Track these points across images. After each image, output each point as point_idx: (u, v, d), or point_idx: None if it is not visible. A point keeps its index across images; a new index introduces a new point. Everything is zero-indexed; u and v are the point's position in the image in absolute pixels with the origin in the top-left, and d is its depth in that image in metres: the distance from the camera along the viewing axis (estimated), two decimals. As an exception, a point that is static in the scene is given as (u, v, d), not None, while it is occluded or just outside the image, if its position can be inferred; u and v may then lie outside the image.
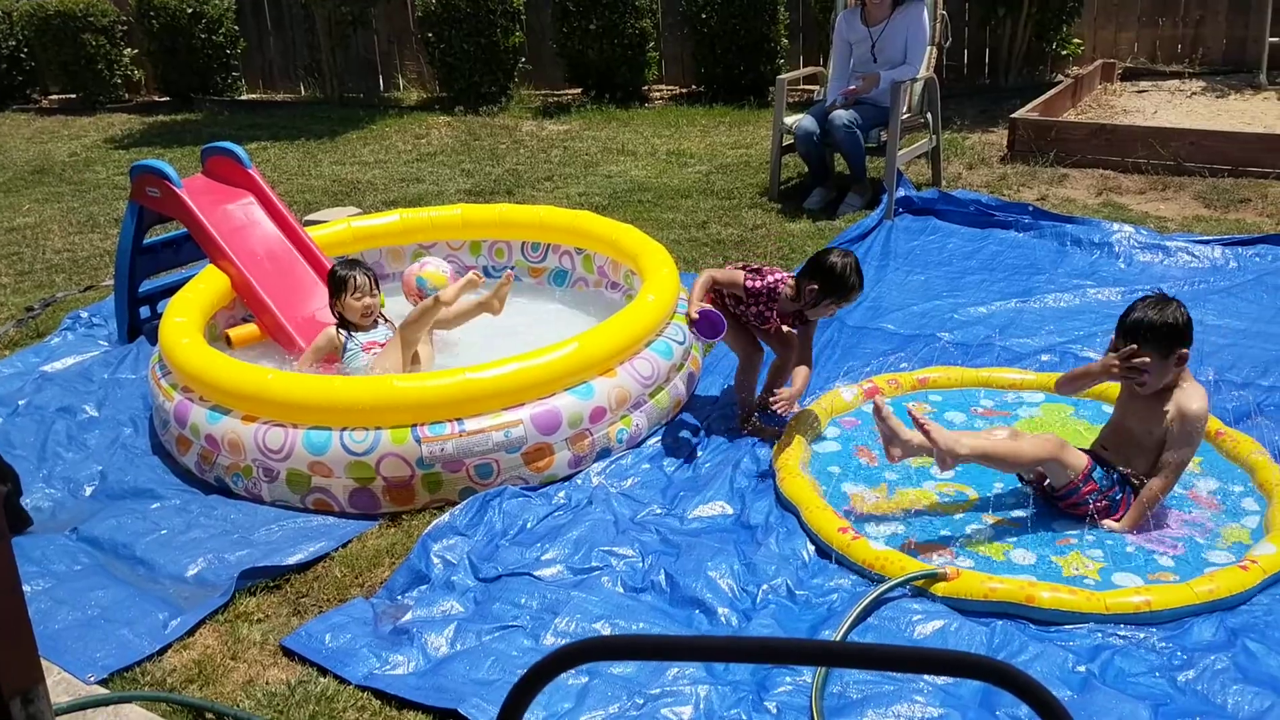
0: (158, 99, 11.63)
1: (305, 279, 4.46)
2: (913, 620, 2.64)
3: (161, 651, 2.72)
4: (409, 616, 2.79)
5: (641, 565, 2.96)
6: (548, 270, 5.02)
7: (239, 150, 4.72)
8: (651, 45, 9.82)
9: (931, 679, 2.43)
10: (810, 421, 3.59)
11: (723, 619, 2.73)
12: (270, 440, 3.34)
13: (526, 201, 6.56)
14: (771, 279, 3.60)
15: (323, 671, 2.61)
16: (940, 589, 2.71)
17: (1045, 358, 4.12)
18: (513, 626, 2.73)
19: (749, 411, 3.72)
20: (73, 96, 11.66)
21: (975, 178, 6.68)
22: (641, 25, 9.56)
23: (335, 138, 8.99)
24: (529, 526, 3.17)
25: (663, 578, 2.89)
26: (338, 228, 4.96)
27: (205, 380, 3.52)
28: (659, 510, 3.24)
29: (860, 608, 2.65)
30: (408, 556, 3.02)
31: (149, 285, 4.79)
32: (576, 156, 7.84)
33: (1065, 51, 9.39)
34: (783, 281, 3.59)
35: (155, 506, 3.39)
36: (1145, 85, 9.09)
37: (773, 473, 3.34)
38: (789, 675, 2.48)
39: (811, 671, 2.45)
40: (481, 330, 4.28)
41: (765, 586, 2.83)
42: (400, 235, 5.03)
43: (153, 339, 4.38)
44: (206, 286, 4.25)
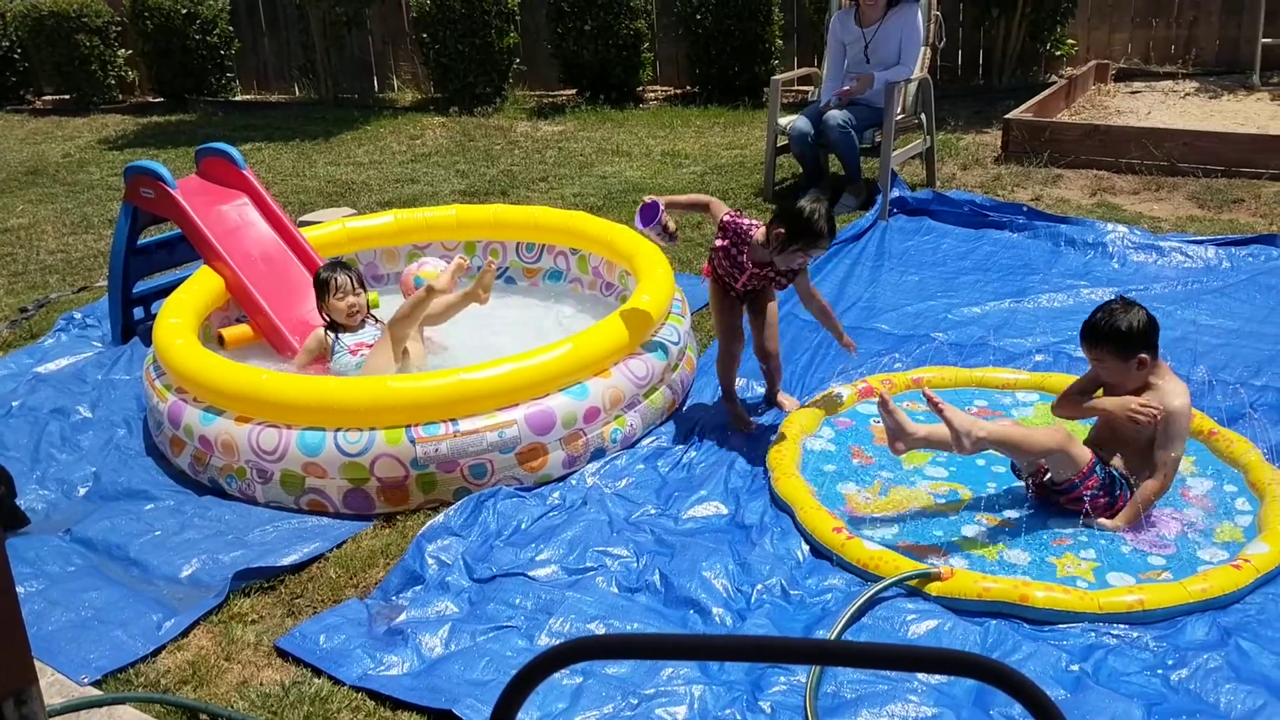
0: (152, 100, 11.60)
1: (300, 280, 4.45)
2: (907, 620, 2.65)
3: (155, 652, 2.72)
4: (403, 617, 2.78)
5: (636, 565, 2.96)
6: (542, 271, 5.02)
7: (233, 151, 4.72)
8: (646, 46, 9.82)
9: (925, 678, 2.44)
10: (806, 419, 3.59)
11: (717, 619, 2.74)
12: (264, 441, 3.34)
13: (521, 202, 6.55)
14: (747, 222, 3.61)
15: (317, 672, 2.61)
16: (934, 588, 2.72)
17: (1039, 358, 4.13)
18: (507, 627, 2.73)
19: (731, 391, 3.81)
20: (67, 97, 11.63)
21: (969, 178, 6.69)
22: (636, 26, 9.57)
23: (330, 139, 8.98)
24: (523, 527, 3.17)
25: (657, 578, 2.89)
26: (333, 228, 4.95)
27: (199, 381, 3.52)
28: (653, 510, 3.24)
29: (854, 607, 2.65)
30: (402, 557, 3.02)
31: (143, 286, 4.80)
32: (571, 157, 7.84)
33: (1059, 52, 9.42)
34: (755, 226, 3.59)
35: (149, 508, 3.38)
36: (1139, 86, 9.10)
37: (767, 473, 3.35)
38: (783, 675, 2.49)
39: (806, 671, 2.45)
40: (475, 331, 4.28)
41: (760, 586, 2.83)
42: (395, 236, 5.03)
43: (147, 340, 4.37)
44: (201, 288, 4.25)
